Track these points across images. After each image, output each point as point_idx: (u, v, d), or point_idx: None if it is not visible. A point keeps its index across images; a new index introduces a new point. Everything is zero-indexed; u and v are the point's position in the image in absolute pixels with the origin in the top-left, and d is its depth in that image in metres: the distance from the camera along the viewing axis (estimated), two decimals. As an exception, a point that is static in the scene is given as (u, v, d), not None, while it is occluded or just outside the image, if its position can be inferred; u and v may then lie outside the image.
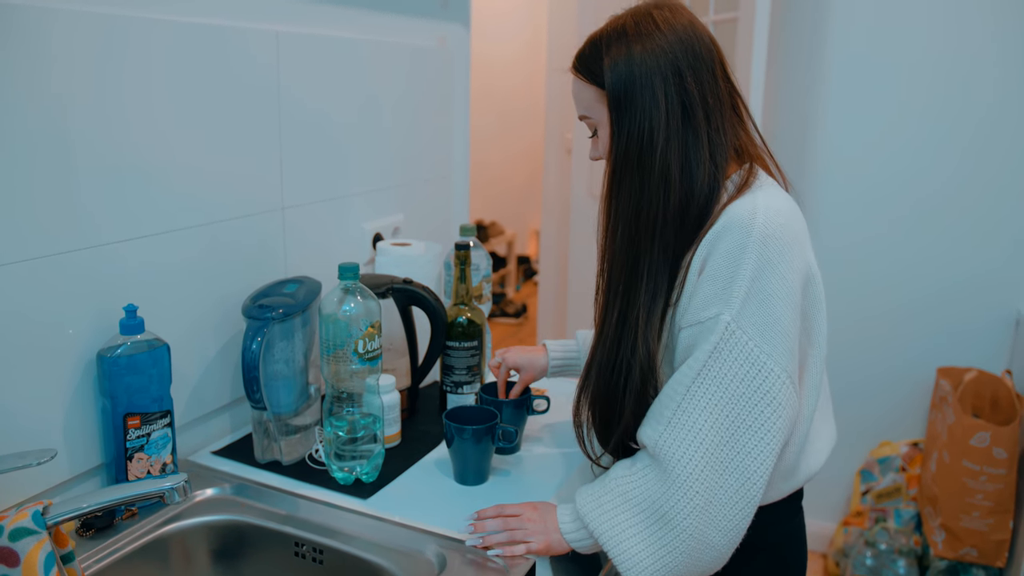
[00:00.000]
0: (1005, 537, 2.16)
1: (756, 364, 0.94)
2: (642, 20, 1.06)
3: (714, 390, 0.95)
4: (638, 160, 1.01)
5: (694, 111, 1.01)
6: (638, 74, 1.02)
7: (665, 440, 0.96)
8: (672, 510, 0.95)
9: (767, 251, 0.94)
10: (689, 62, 1.02)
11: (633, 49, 1.03)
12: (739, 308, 0.93)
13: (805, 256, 1.00)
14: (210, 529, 1.13)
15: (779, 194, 1.02)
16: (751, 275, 0.94)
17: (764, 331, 0.94)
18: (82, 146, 1.04)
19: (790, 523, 1.14)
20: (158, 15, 1.13)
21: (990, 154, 2.36)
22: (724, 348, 0.94)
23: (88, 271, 1.07)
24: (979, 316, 2.44)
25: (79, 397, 1.07)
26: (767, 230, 0.95)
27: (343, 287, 1.16)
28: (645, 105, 1.01)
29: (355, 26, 1.56)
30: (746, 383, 0.94)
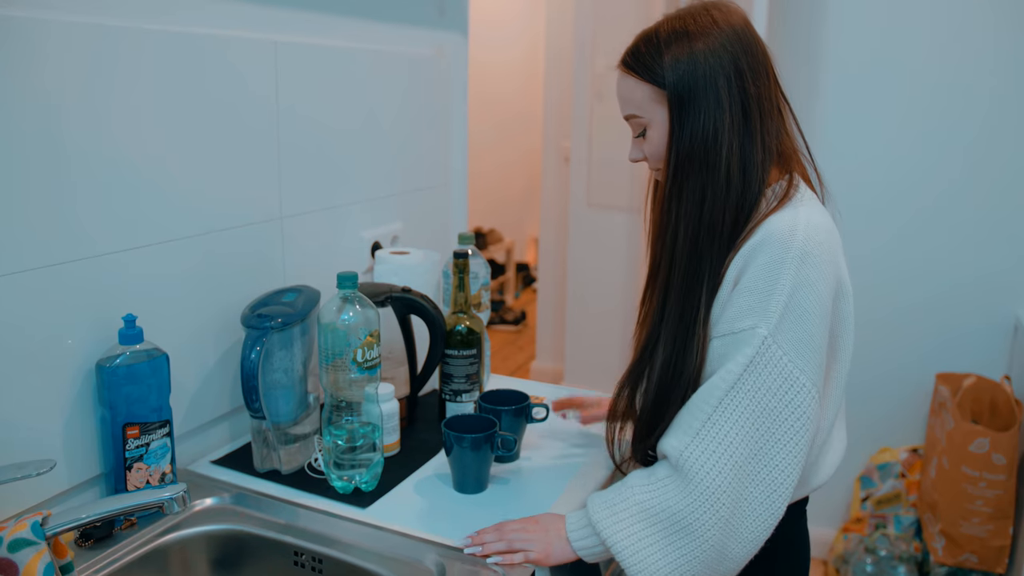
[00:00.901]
0: (1005, 543, 2.16)
1: (790, 379, 0.95)
2: (700, 17, 1.04)
3: (747, 403, 0.95)
4: (703, 160, 1.01)
5: (751, 113, 1.02)
6: (702, 72, 1.00)
7: (692, 451, 0.96)
8: (696, 522, 0.95)
9: (805, 269, 0.95)
10: (748, 62, 1.02)
11: (696, 47, 1.01)
12: (776, 323, 0.94)
13: (838, 273, 1.01)
14: (209, 539, 1.12)
15: (818, 210, 1.03)
16: (789, 291, 0.94)
17: (799, 347, 0.95)
18: (79, 157, 1.04)
19: (792, 528, 1.12)
20: (155, 26, 1.13)
21: (988, 161, 2.36)
22: (760, 362, 0.95)
23: (86, 281, 1.07)
24: (978, 322, 2.44)
25: (78, 407, 1.07)
26: (806, 247, 0.96)
27: (342, 296, 1.16)
28: (709, 104, 1.00)
29: (353, 35, 1.56)
30: (779, 397, 0.95)
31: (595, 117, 3.67)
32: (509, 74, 5.60)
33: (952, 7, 2.32)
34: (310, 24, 1.45)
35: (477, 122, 3.13)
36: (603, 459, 1.31)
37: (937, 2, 2.33)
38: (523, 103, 5.67)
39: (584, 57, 3.65)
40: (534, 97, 5.23)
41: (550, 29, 3.92)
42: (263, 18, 1.34)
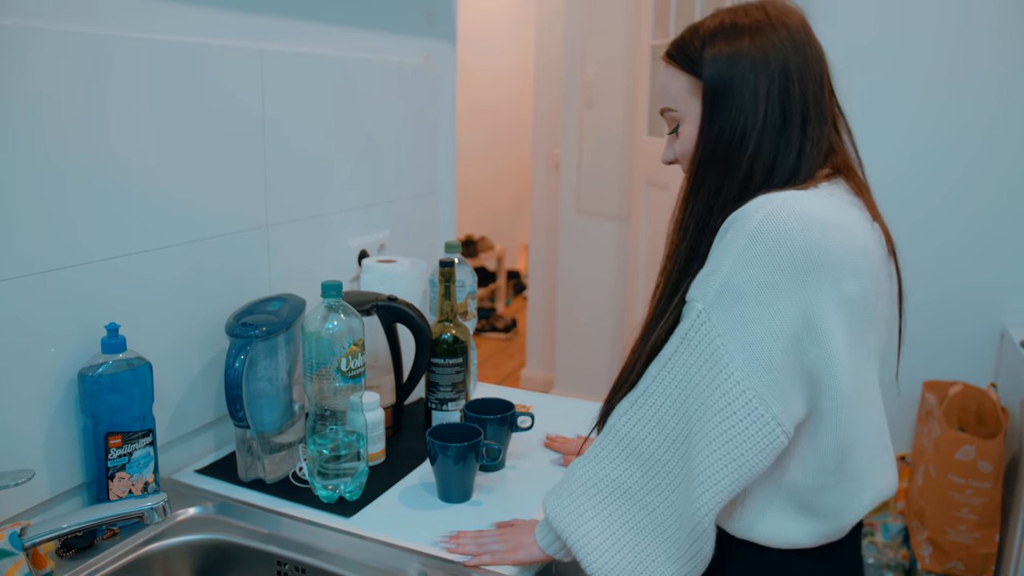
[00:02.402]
0: (991, 551, 2.17)
1: (720, 362, 0.88)
2: (753, 13, 0.98)
3: (679, 378, 0.92)
4: (725, 159, 0.95)
5: (791, 118, 0.95)
6: (743, 68, 0.95)
7: (626, 420, 0.96)
8: (634, 487, 0.95)
9: (753, 248, 0.87)
10: (798, 65, 0.96)
11: (742, 41, 0.95)
12: (713, 298, 0.88)
13: (821, 273, 0.87)
14: (192, 548, 1.12)
15: (819, 200, 0.91)
16: (730, 268, 0.88)
17: (732, 329, 0.87)
18: (64, 164, 1.04)
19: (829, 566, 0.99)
20: (141, 34, 1.13)
21: (978, 174, 2.38)
22: (693, 336, 0.90)
23: (69, 290, 1.06)
24: (964, 330, 2.46)
25: (60, 416, 1.07)
26: (762, 227, 0.87)
27: (326, 305, 1.16)
28: (743, 102, 0.94)
29: (340, 44, 1.56)
30: (707, 379, 0.89)
31: (585, 125, 3.68)
32: (499, 82, 5.61)
33: (950, 21, 2.34)
34: (297, 32, 1.45)
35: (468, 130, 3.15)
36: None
37: (936, 16, 2.35)
38: (514, 111, 5.69)
39: (574, 65, 3.66)
40: (524, 105, 5.25)
41: (540, 38, 3.94)
42: (249, 26, 1.34)
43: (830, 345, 0.88)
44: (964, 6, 2.31)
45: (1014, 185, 2.35)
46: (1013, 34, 2.28)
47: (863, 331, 0.92)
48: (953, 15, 2.33)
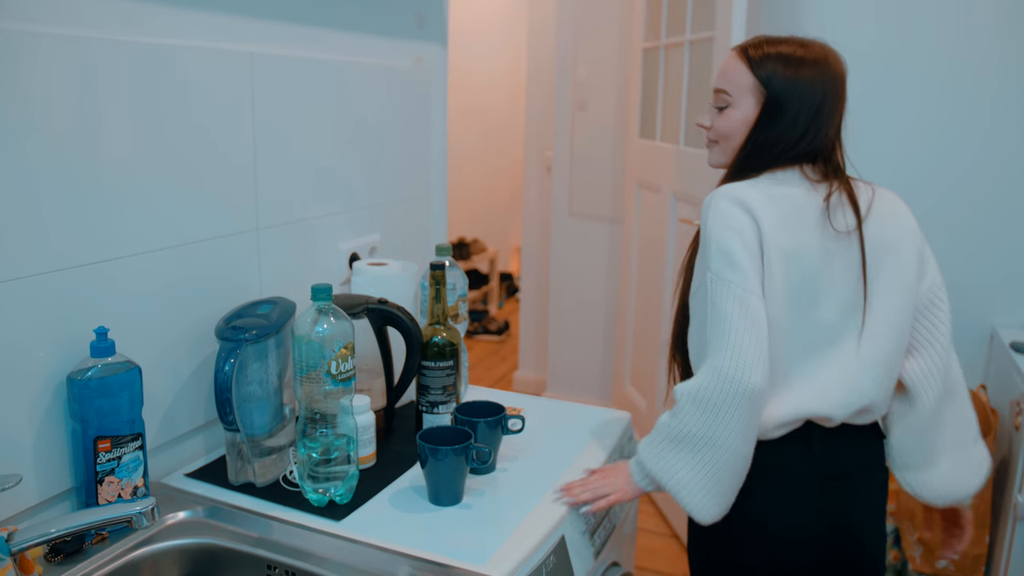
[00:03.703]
0: (981, 551, 2.18)
1: (731, 295, 1.17)
2: (816, 50, 1.27)
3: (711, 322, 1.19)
4: (756, 155, 1.26)
5: (815, 137, 1.25)
6: (797, 94, 1.23)
7: (692, 381, 1.19)
8: (714, 433, 1.16)
9: (708, 217, 1.22)
10: (831, 100, 1.25)
11: (803, 72, 1.23)
12: (712, 264, 1.19)
13: (745, 228, 1.19)
14: (182, 553, 1.12)
15: (745, 188, 1.22)
16: (706, 238, 1.21)
17: (725, 270, 1.18)
18: (52, 168, 1.04)
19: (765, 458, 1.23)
20: (129, 37, 1.13)
21: (966, 172, 2.39)
22: (713, 299, 1.19)
23: (58, 294, 1.06)
24: (954, 331, 2.45)
25: (49, 420, 1.06)
26: (710, 202, 1.23)
27: (316, 308, 1.16)
28: (787, 120, 1.23)
29: (331, 47, 1.56)
30: (731, 304, 1.17)
31: (577, 127, 3.68)
32: (492, 84, 5.61)
33: (949, 24, 2.35)
34: (287, 35, 1.45)
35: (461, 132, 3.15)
36: (578, 471, 1.32)
37: (933, 19, 2.36)
38: (506, 113, 5.69)
39: (566, 67, 3.67)
40: (517, 107, 5.25)
41: (532, 40, 3.94)
42: (240, 29, 1.34)
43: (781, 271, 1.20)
44: (961, 10, 2.33)
45: (1004, 186, 2.36)
46: (1010, 36, 2.29)
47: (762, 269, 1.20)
48: (952, 19, 2.34)
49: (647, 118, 3.25)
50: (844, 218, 1.23)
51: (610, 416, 1.55)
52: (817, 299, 1.20)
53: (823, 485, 1.25)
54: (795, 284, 1.19)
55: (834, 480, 1.25)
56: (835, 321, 1.22)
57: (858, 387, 1.22)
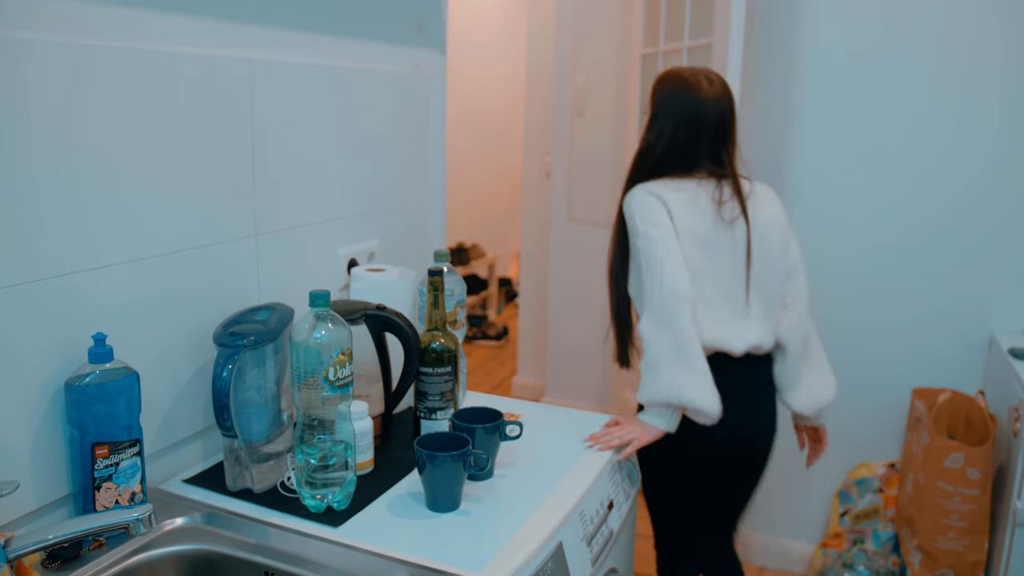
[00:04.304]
0: (980, 558, 2.18)
1: (658, 244, 1.57)
2: (693, 79, 1.68)
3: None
4: (642, 152, 1.71)
5: (673, 146, 1.67)
6: (668, 111, 1.67)
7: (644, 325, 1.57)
8: (677, 337, 1.51)
9: (631, 204, 1.64)
10: (700, 118, 1.65)
11: (679, 92, 1.67)
12: (639, 230, 1.60)
13: (659, 210, 1.60)
14: (179, 559, 1.12)
15: (659, 185, 1.64)
16: (631, 217, 1.63)
17: (651, 228, 1.59)
18: (48, 174, 1.04)
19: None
20: (126, 43, 1.14)
21: (963, 178, 2.39)
22: (645, 251, 1.58)
23: (56, 300, 1.06)
24: (953, 338, 2.47)
25: (46, 426, 1.06)
26: (631, 196, 1.66)
27: (314, 314, 1.16)
28: (657, 129, 1.68)
29: (330, 53, 1.57)
30: (650, 255, 1.57)
31: (575, 133, 3.69)
32: (492, 90, 5.62)
33: (954, 31, 2.36)
34: (286, 42, 1.45)
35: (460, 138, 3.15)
36: (576, 477, 1.32)
37: (938, 26, 2.37)
38: (506, 119, 5.70)
39: (564, 73, 3.67)
40: (516, 113, 5.26)
41: (531, 46, 3.95)
42: (239, 36, 1.34)
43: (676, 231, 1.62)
44: (967, 18, 2.33)
45: (1002, 193, 2.36)
46: (1016, 47, 2.29)
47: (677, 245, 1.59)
48: (958, 26, 2.34)
49: (646, 124, 3.25)
50: (731, 210, 1.64)
51: (608, 422, 1.55)
52: (710, 265, 1.62)
53: (736, 396, 1.59)
54: (694, 251, 1.60)
55: (743, 392, 1.65)
56: (725, 282, 1.64)
57: (747, 331, 1.65)
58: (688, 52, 2.79)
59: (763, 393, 1.73)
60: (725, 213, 1.63)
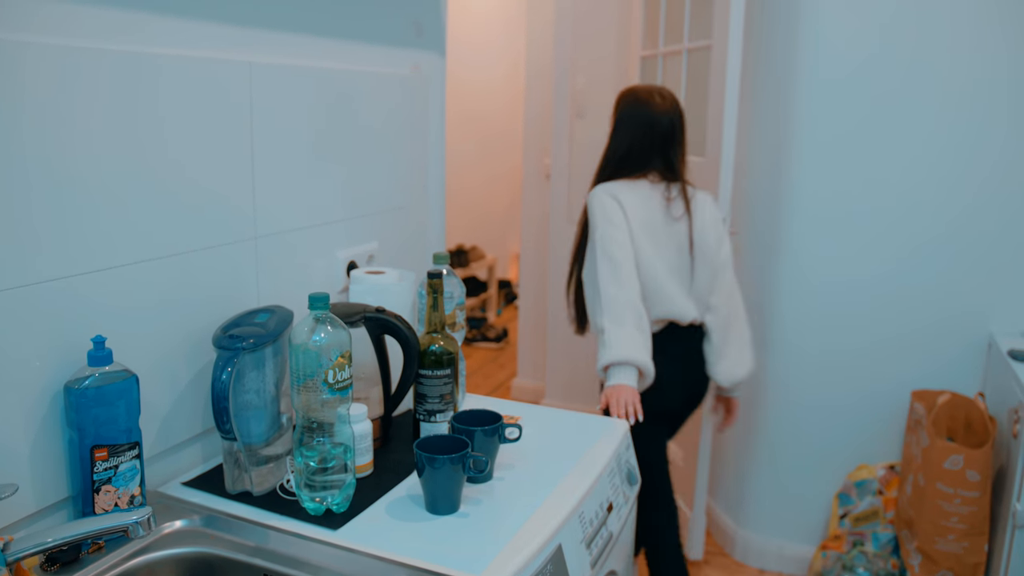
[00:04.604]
0: (980, 560, 2.18)
1: (610, 245, 1.99)
2: (652, 95, 2.09)
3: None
4: (606, 157, 2.15)
5: (632, 151, 2.09)
6: (626, 122, 2.11)
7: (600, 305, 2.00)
8: (623, 310, 1.96)
9: (592, 204, 2.05)
10: (653, 127, 2.06)
11: (636, 105, 2.10)
12: (599, 230, 2.02)
13: (615, 209, 2.01)
14: (179, 562, 1.12)
15: (615, 184, 2.07)
16: (592, 216, 2.05)
17: (608, 228, 2.00)
18: (45, 178, 1.04)
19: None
20: (125, 46, 1.14)
21: (963, 182, 2.40)
22: (604, 248, 2.00)
23: (55, 302, 1.06)
24: (952, 340, 2.47)
25: (45, 429, 1.06)
26: (592, 195, 2.08)
27: (314, 317, 1.16)
28: (618, 137, 2.13)
29: (329, 55, 1.57)
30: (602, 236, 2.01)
31: (575, 134, 3.69)
32: (491, 92, 5.63)
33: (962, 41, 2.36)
34: (285, 45, 1.45)
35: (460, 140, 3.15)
36: (575, 480, 1.32)
37: (944, 36, 2.37)
38: (505, 121, 5.70)
39: (564, 75, 3.68)
40: (516, 115, 5.27)
41: (531, 48, 3.95)
42: (238, 39, 1.34)
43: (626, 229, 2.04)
44: (974, 31, 2.34)
45: (1001, 196, 2.37)
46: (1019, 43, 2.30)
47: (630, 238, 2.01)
48: (965, 37, 2.35)
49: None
50: (678, 207, 2.06)
51: (608, 424, 1.55)
52: (661, 251, 2.03)
53: (686, 356, 2.12)
54: (646, 240, 2.00)
55: (691, 353, 2.13)
56: (673, 266, 2.05)
57: (691, 307, 2.08)
58: (687, 54, 2.79)
59: (702, 354, 2.17)
60: (673, 210, 2.05)
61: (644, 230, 1.99)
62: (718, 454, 2.90)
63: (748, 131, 2.70)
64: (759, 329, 2.71)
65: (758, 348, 2.70)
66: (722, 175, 2.45)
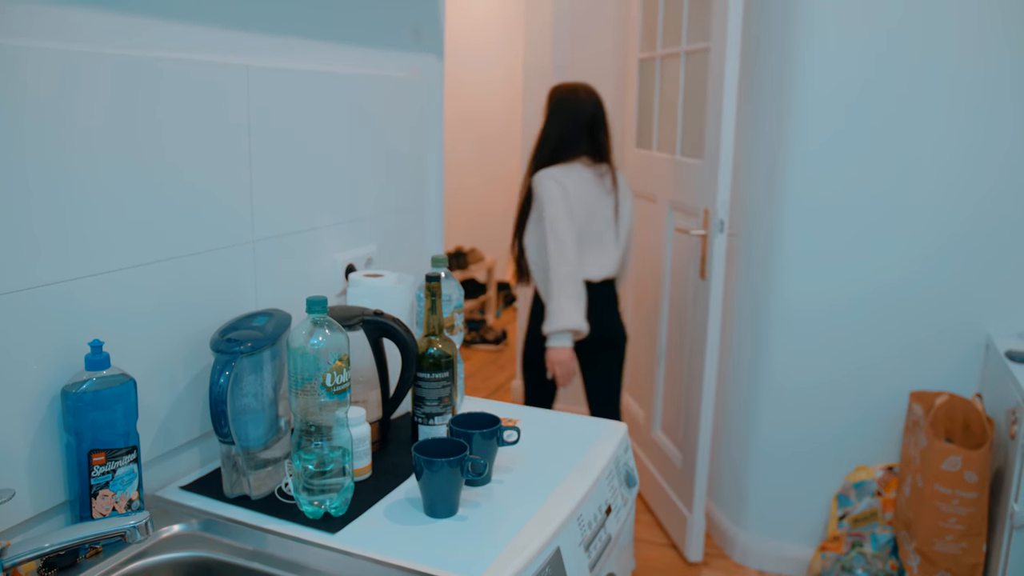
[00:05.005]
0: (978, 560, 2.18)
1: (558, 225, 2.44)
2: (575, 89, 2.57)
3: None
4: (541, 144, 2.56)
5: (564, 137, 2.52)
6: (557, 114, 2.55)
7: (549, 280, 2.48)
8: (566, 283, 2.43)
9: (538, 188, 2.45)
10: (579, 116, 2.51)
11: (565, 98, 2.56)
12: (548, 213, 2.43)
13: (558, 195, 2.43)
14: (176, 566, 1.11)
15: (558, 171, 2.46)
16: (540, 199, 2.46)
17: (554, 211, 2.43)
18: (47, 182, 1.04)
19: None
20: (122, 50, 1.14)
21: (960, 181, 2.40)
22: (552, 229, 2.43)
23: (52, 307, 1.06)
24: (950, 341, 2.47)
25: (43, 434, 1.06)
26: (541, 178, 2.46)
27: (312, 320, 1.16)
28: (550, 127, 2.55)
29: (327, 59, 1.57)
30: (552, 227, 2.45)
31: (573, 137, 3.68)
32: (490, 93, 5.63)
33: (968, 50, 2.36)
34: (283, 48, 1.45)
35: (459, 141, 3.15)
36: (574, 482, 1.32)
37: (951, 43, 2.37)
38: (504, 122, 5.70)
39: (562, 77, 3.67)
40: (515, 116, 5.27)
41: (529, 50, 3.95)
42: (236, 42, 1.34)
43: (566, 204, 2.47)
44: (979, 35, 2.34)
45: (999, 198, 2.37)
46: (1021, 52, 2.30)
47: (572, 214, 2.45)
48: (968, 41, 2.35)
49: (643, 128, 3.26)
50: (607, 184, 2.52)
51: (606, 427, 1.55)
52: (591, 223, 2.47)
53: (599, 305, 2.53)
54: (584, 213, 2.45)
55: (604, 302, 2.56)
56: (600, 235, 2.51)
57: (611, 265, 2.56)
58: (685, 56, 2.79)
59: (614, 303, 2.62)
60: (604, 185, 2.51)
61: (582, 205, 2.44)
62: (717, 455, 2.91)
63: (746, 133, 2.70)
64: (757, 330, 2.71)
65: (756, 348, 2.71)
66: (720, 177, 2.45)
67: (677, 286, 2.89)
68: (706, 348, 2.58)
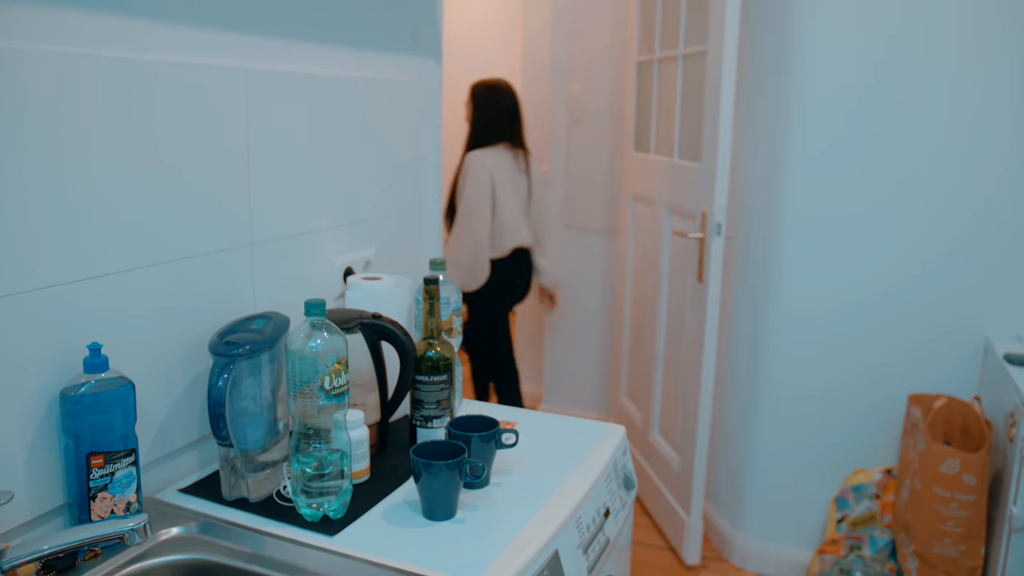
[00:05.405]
0: (977, 563, 2.18)
1: (475, 202, 2.98)
2: (496, 85, 3.11)
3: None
4: (472, 131, 3.10)
5: (489, 125, 3.07)
6: (482, 105, 3.10)
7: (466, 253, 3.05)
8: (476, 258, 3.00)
9: (468, 168, 2.98)
10: (499, 107, 3.06)
11: (486, 93, 3.10)
12: (467, 191, 2.96)
13: (488, 175, 2.96)
14: (175, 569, 1.11)
15: (485, 152, 3.00)
16: (464, 178, 3.00)
17: (473, 192, 2.97)
18: (45, 185, 1.04)
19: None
20: (119, 53, 1.14)
21: (961, 187, 2.40)
22: (468, 207, 2.99)
23: (50, 310, 1.06)
24: (949, 344, 2.48)
25: (41, 436, 1.06)
26: (470, 160, 3.00)
27: (310, 323, 1.16)
28: (478, 115, 3.09)
29: (326, 62, 1.57)
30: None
31: (572, 141, 3.70)
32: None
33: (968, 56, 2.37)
34: (281, 51, 1.46)
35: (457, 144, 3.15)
36: (572, 485, 1.32)
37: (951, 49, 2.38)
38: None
39: (561, 81, 3.69)
40: (513, 120, 5.26)
41: (527, 54, 3.96)
42: (234, 45, 1.35)
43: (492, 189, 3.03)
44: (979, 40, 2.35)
45: (998, 200, 2.37)
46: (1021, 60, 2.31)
47: (492, 194, 2.98)
48: (971, 55, 2.36)
49: (641, 131, 3.26)
50: (522, 165, 3.04)
51: (604, 430, 1.55)
52: (513, 197, 2.98)
53: (522, 267, 3.10)
54: (505, 189, 2.93)
55: (526, 265, 3.13)
56: (519, 209, 3.02)
57: (528, 236, 3.08)
58: (683, 59, 2.80)
59: (530, 266, 3.18)
60: (520, 166, 3.04)
61: (504, 183, 2.95)
62: (715, 459, 2.91)
63: (745, 137, 2.71)
64: (755, 333, 2.71)
65: (754, 351, 2.71)
66: (717, 180, 2.45)
67: (675, 289, 2.89)
68: (703, 351, 2.59)
